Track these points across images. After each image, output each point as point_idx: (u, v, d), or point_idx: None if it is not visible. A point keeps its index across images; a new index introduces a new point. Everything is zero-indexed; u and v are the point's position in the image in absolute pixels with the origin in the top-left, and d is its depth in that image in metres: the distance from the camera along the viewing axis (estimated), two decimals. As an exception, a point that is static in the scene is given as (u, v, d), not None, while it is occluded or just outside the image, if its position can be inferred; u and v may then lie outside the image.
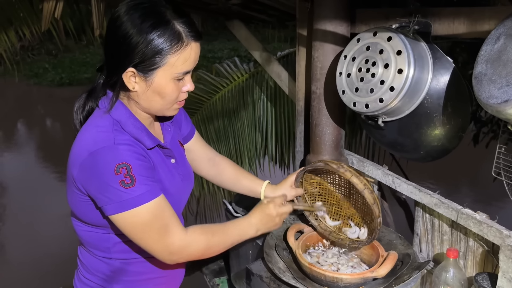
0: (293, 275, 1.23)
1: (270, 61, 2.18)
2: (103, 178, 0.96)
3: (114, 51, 1.00)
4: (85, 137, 1.03)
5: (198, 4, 2.12)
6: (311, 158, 1.72)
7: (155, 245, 1.02)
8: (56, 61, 13.21)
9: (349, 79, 1.36)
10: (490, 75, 0.92)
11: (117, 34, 0.97)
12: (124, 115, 1.05)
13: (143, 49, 0.96)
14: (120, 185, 0.95)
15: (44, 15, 2.19)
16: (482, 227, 1.24)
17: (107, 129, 1.01)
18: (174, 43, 0.97)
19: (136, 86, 1.01)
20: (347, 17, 1.58)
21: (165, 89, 1.02)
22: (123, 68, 0.98)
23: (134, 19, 0.96)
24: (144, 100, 1.04)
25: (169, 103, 1.06)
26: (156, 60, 0.97)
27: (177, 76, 1.01)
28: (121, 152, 0.97)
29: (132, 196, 0.96)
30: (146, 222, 0.99)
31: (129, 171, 0.96)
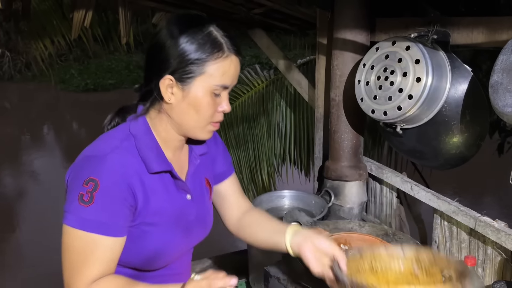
0: (309, 278, 1.25)
1: (290, 68, 2.22)
2: (73, 183, 0.92)
3: (153, 59, 0.98)
4: (94, 143, 1.00)
5: (221, 13, 2.17)
6: (330, 164, 1.74)
7: (64, 276, 0.94)
8: (82, 67, 13.56)
9: (367, 87, 1.38)
10: (506, 84, 0.93)
11: (158, 41, 0.96)
12: (141, 130, 1.00)
13: (183, 54, 0.93)
14: (78, 197, 0.89)
15: (74, 23, 2.28)
16: (500, 235, 1.24)
17: (115, 141, 0.97)
18: (215, 51, 0.94)
19: (172, 98, 0.96)
20: (366, 26, 1.61)
21: (201, 102, 0.96)
22: (161, 75, 0.95)
23: (177, 28, 0.95)
24: (177, 114, 0.98)
25: (203, 120, 0.99)
26: (195, 66, 0.93)
27: (214, 89, 0.96)
28: (101, 167, 0.91)
29: (78, 214, 0.90)
30: (70, 249, 0.92)
31: (94, 190, 0.89)
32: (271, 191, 1.86)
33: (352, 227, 1.51)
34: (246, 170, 2.93)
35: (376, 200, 1.85)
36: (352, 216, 1.73)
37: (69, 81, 12.79)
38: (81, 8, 2.16)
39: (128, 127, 1.01)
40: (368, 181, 1.84)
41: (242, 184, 2.96)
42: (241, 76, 3.07)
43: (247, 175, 2.92)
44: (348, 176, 1.70)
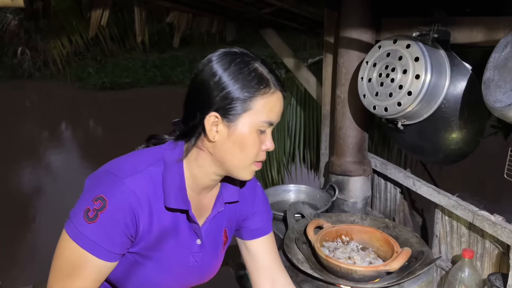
0: (311, 266, 1.31)
1: (299, 67, 2.27)
2: (85, 194, 0.91)
3: (197, 95, 0.93)
4: (122, 159, 0.98)
5: (233, 13, 2.24)
6: (335, 159, 1.79)
7: (51, 282, 0.93)
8: (99, 66, 13.78)
9: (370, 84, 1.43)
10: (497, 80, 0.98)
11: (203, 78, 0.92)
12: (173, 162, 0.96)
13: (228, 90, 0.89)
14: (84, 210, 0.88)
15: (92, 22, 2.37)
16: (497, 228, 1.28)
17: (143, 165, 0.94)
18: (263, 86, 0.91)
19: (217, 135, 0.92)
20: (372, 25, 1.65)
21: (247, 140, 0.92)
22: (206, 112, 0.91)
23: (223, 63, 0.91)
24: (220, 152, 0.94)
25: (247, 159, 0.94)
26: (241, 102, 0.90)
27: (261, 126, 0.92)
28: (116, 189, 0.89)
29: (78, 228, 0.88)
30: (61, 257, 0.92)
31: (100, 210, 0.88)
32: (278, 185, 1.91)
33: (354, 219, 1.56)
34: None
35: (381, 196, 1.89)
36: (355, 210, 1.78)
37: (87, 79, 13.01)
38: (99, 8, 2.25)
39: (163, 154, 0.97)
40: (373, 177, 1.88)
41: None
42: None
43: (257, 172, 2.98)
44: (353, 171, 1.74)
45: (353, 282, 1.24)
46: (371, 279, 1.25)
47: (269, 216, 1.18)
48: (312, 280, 1.26)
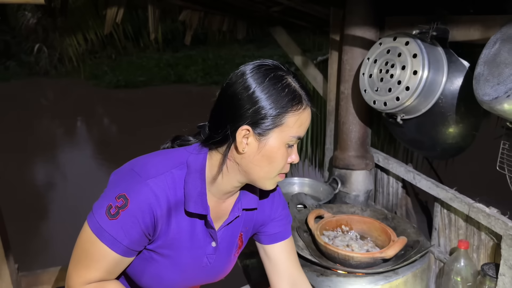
0: (310, 253, 1.37)
1: (307, 65, 2.33)
2: (109, 191, 0.95)
3: (230, 106, 0.94)
4: (147, 157, 1.01)
5: (244, 11, 2.31)
6: (338, 154, 1.85)
7: (70, 269, 0.98)
8: (114, 64, 13.96)
9: (370, 79, 1.49)
10: (486, 75, 1.03)
11: (236, 88, 0.92)
12: (197, 167, 0.98)
13: (262, 105, 0.91)
14: (107, 206, 0.92)
15: (107, 19, 2.45)
16: (491, 220, 1.32)
17: (166, 168, 0.97)
18: (295, 103, 0.92)
19: (247, 148, 0.94)
20: (375, 23, 1.71)
21: (276, 154, 0.94)
22: (239, 124, 0.92)
23: (258, 77, 0.92)
24: (248, 164, 0.96)
25: (274, 171, 0.97)
26: (274, 118, 0.91)
27: (290, 140, 0.94)
28: (139, 190, 0.92)
29: (100, 223, 0.92)
30: (83, 248, 0.95)
31: (122, 208, 0.91)
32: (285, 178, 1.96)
33: (355, 211, 1.61)
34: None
35: (383, 190, 1.94)
36: (357, 203, 1.83)
37: (101, 77, 13.20)
38: (114, 5, 2.33)
39: (187, 157, 0.99)
40: (376, 172, 1.93)
41: None
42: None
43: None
44: (355, 165, 1.80)
45: (350, 268, 1.30)
46: (368, 266, 1.30)
47: (288, 220, 1.19)
48: (311, 265, 1.32)
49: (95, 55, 13.78)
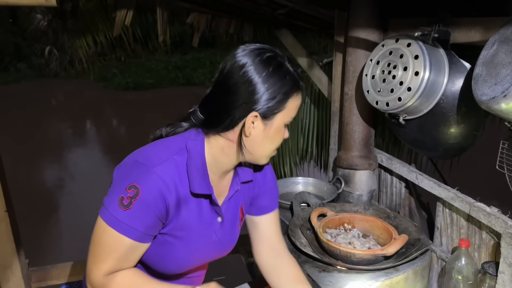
0: (313, 250, 1.40)
1: (312, 66, 2.36)
2: (118, 184, 0.98)
3: (235, 94, 0.99)
4: (147, 147, 1.06)
5: (250, 14, 2.35)
6: (342, 154, 1.88)
7: (87, 264, 1.01)
8: (123, 66, 14.08)
9: (373, 80, 1.52)
10: (484, 76, 1.05)
11: (243, 78, 0.97)
12: (197, 151, 1.04)
13: (271, 92, 0.98)
14: (118, 199, 0.96)
15: (117, 22, 2.50)
16: (491, 219, 1.34)
17: (168, 154, 1.02)
18: (295, 88, 1.01)
19: (253, 131, 1.01)
20: (379, 25, 1.73)
21: (278, 134, 1.04)
22: (248, 110, 0.99)
23: (263, 66, 0.98)
24: (252, 145, 1.04)
25: (273, 149, 1.07)
26: (280, 103, 0.99)
27: (288, 121, 1.04)
28: (148, 179, 0.97)
29: (114, 215, 0.96)
30: (100, 242, 0.99)
31: (134, 197, 0.95)
32: (287, 178, 2.00)
33: (357, 209, 1.64)
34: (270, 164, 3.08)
35: (387, 191, 1.96)
36: (361, 202, 1.85)
37: (111, 79, 13.32)
38: (123, 8, 2.38)
39: (185, 143, 1.05)
40: (380, 173, 1.95)
41: None
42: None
43: (270, 168, 3.07)
44: (358, 165, 1.82)
45: (351, 265, 1.32)
46: (369, 263, 1.33)
47: (277, 194, 1.28)
48: (313, 261, 1.35)
49: (105, 57, 13.91)
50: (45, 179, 6.96)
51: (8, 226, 1.70)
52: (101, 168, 7.20)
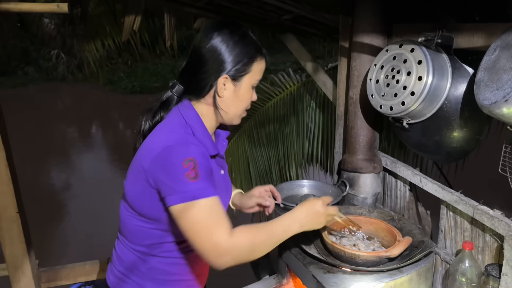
0: (318, 251, 1.42)
1: (317, 70, 2.38)
2: (172, 169, 1.06)
3: (207, 62, 1.17)
4: (160, 135, 1.16)
5: (256, 19, 2.38)
6: (347, 157, 1.90)
7: (205, 243, 1.05)
8: (130, 70, 14.18)
9: (377, 85, 1.54)
10: (486, 80, 1.07)
11: (213, 48, 1.16)
12: (196, 121, 1.19)
13: (238, 56, 1.17)
14: (186, 177, 1.04)
15: (125, 27, 2.55)
16: (494, 221, 1.36)
17: (180, 130, 1.15)
18: (259, 53, 1.21)
19: (225, 92, 1.20)
20: (383, 31, 1.76)
21: (246, 95, 1.23)
22: (219, 74, 1.17)
23: (228, 36, 1.17)
24: (226, 105, 1.22)
25: (242, 109, 1.26)
26: (246, 67, 1.19)
27: (254, 84, 1.24)
28: (191, 149, 1.08)
29: (193, 188, 1.04)
30: (200, 216, 1.05)
31: (195, 167, 1.05)
32: (292, 181, 2.02)
33: (362, 212, 1.66)
34: (275, 168, 3.10)
35: (391, 194, 1.98)
36: (365, 205, 1.87)
37: (117, 83, 13.43)
38: (132, 13, 2.43)
39: (182, 117, 1.19)
40: (384, 176, 1.97)
41: (271, 180, 3.14)
42: (274, 78, 3.27)
43: (276, 172, 3.10)
44: (363, 168, 1.84)
45: (356, 266, 1.34)
46: (373, 265, 1.35)
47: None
48: (318, 262, 1.37)
49: (112, 61, 14.01)
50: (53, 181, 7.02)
51: (20, 227, 1.74)
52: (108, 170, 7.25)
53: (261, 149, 3.15)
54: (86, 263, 2.02)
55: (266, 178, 3.13)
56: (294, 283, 1.54)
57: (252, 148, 3.20)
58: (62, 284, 1.99)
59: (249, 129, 3.24)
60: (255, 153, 3.17)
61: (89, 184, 6.58)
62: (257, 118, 3.18)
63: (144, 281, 1.25)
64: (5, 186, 1.68)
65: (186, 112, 1.21)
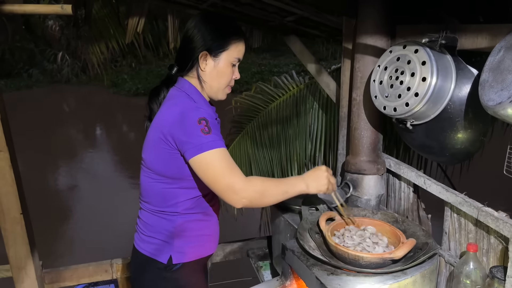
0: (322, 253, 1.42)
1: (321, 72, 2.38)
2: (189, 127, 1.27)
3: (193, 40, 1.39)
4: (170, 108, 1.37)
5: (259, 21, 2.38)
6: (350, 159, 1.89)
7: (223, 185, 1.26)
8: (134, 72, 14.22)
9: (381, 86, 1.54)
10: (490, 81, 1.07)
11: (196, 29, 1.39)
12: (195, 93, 1.42)
13: (216, 36, 1.38)
14: (201, 132, 1.26)
15: (129, 29, 2.56)
16: (499, 223, 1.35)
17: (186, 100, 1.38)
18: (237, 35, 1.42)
19: (207, 66, 1.41)
20: (387, 32, 1.76)
21: (225, 70, 1.43)
22: (200, 50, 1.38)
23: (208, 20, 1.41)
24: (209, 78, 1.42)
25: (224, 84, 1.45)
26: (223, 44, 1.39)
27: (233, 61, 1.43)
28: (201, 111, 1.31)
29: (208, 141, 1.26)
30: (216, 163, 1.26)
31: (207, 124, 1.28)
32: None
33: (366, 213, 1.66)
34: (278, 169, 3.10)
35: (395, 195, 1.97)
36: (369, 207, 1.86)
37: (121, 85, 13.46)
38: (135, 15, 2.44)
39: (183, 92, 1.41)
40: (388, 177, 1.97)
41: None
42: (278, 80, 3.26)
43: (278, 173, 3.09)
44: (367, 169, 1.84)
45: (359, 268, 1.34)
46: (377, 266, 1.34)
47: None
48: (321, 264, 1.37)
49: (116, 63, 14.05)
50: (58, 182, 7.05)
51: (23, 228, 1.74)
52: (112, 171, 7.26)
53: (263, 151, 3.15)
54: (90, 264, 2.03)
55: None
56: (297, 284, 1.54)
57: (254, 149, 3.20)
58: (65, 285, 2.00)
59: (251, 131, 3.23)
60: (257, 154, 3.17)
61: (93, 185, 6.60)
62: (260, 120, 3.18)
63: (171, 239, 1.43)
64: (8, 187, 1.69)
65: (183, 86, 1.42)
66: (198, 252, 1.50)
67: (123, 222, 4.61)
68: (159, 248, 1.44)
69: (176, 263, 1.44)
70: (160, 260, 1.44)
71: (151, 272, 1.45)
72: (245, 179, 1.27)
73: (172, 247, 1.44)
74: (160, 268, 1.44)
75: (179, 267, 1.45)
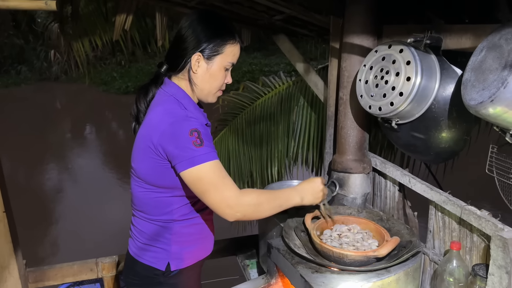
0: (307, 251, 1.42)
1: (309, 71, 2.39)
2: (181, 139, 1.23)
3: (186, 40, 1.33)
4: (160, 114, 1.31)
5: (248, 20, 2.38)
6: (336, 157, 1.90)
7: (216, 198, 1.22)
8: (123, 70, 14.12)
9: (366, 85, 1.55)
10: (472, 81, 1.08)
11: (190, 29, 1.33)
12: (184, 97, 1.36)
13: (210, 38, 1.32)
14: (193, 144, 1.21)
15: (116, 26, 2.54)
16: (481, 221, 1.36)
17: (176, 108, 1.31)
18: (232, 38, 1.35)
19: (199, 69, 1.35)
20: (373, 32, 1.76)
21: (217, 74, 1.37)
22: (193, 52, 1.32)
23: (203, 20, 1.34)
24: (200, 81, 1.36)
25: (215, 88, 1.39)
26: (218, 47, 1.33)
27: (226, 65, 1.37)
28: (193, 122, 1.26)
29: (200, 154, 1.21)
30: (209, 177, 1.22)
31: (199, 135, 1.23)
32: (282, 180, 2.02)
33: (351, 212, 1.66)
34: (257, 167, 3.08)
35: (381, 194, 1.98)
36: (355, 205, 1.87)
37: (111, 83, 13.37)
38: (123, 12, 2.42)
39: (171, 96, 1.35)
40: (374, 176, 1.98)
41: (252, 178, 3.12)
42: (265, 80, 3.26)
43: (257, 171, 3.07)
44: (353, 168, 1.85)
45: (343, 266, 1.34)
46: (361, 264, 1.35)
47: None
48: (306, 262, 1.37)
49: (105, 61, 13.94)
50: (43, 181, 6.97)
51: (6, 226, 1.72)
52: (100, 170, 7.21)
53: (243, 147, 3.13)
54: (74, 263, 2.01)
55: (247, 177, 3.12)
56: (282, 283, 1.54)
57: (235, 145, 3.18)
58: (50, 284, 1.98)
59: (234, 127, 3.22)
60: (237, 150, 3.16)
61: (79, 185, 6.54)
62: (244, 117, 3.17)
63: (169, 246, 1.40)
64: (-9, 185, 1.66)
65: (171, 90, 1.37)
66: (196, 255, 1.48)
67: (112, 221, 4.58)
68: (156, 256, 1.40)
69: (174, 270, 1.41)
70: (157, 268, 1.40)
71: (148, 279, 1.42)
72: (239, 192, 1.23)
73: (169, 254, 1.40)
74: (158, 274, 1.41)
75: (176, 272, 1.42)
